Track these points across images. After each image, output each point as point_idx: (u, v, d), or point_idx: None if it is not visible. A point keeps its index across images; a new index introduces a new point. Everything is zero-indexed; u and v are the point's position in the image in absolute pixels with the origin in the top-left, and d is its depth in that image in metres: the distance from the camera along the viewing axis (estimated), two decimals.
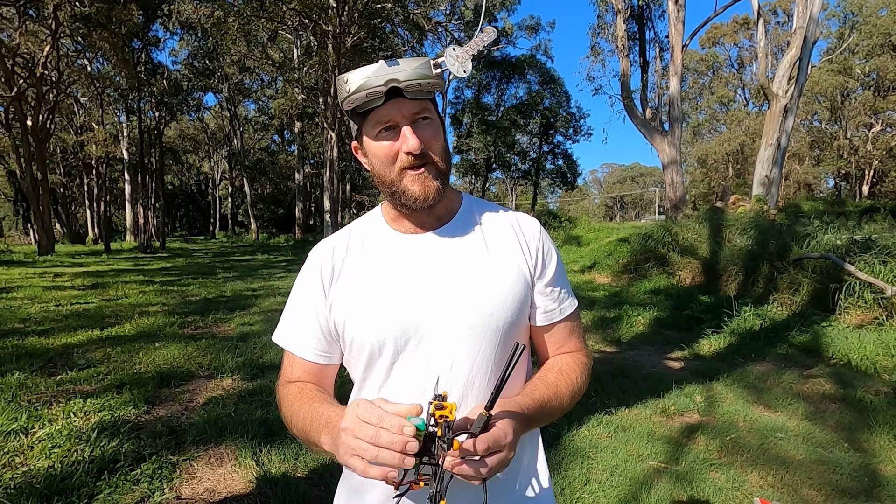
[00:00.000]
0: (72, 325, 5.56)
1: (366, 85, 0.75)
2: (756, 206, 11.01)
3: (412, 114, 0.79)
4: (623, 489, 2.48)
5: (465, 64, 0.71)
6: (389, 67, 0.76)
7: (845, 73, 29.85)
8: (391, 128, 0.80)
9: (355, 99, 0.77)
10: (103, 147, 23.26)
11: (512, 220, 0.93)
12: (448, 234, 0.88)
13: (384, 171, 0.82)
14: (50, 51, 15.80)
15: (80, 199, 35.59)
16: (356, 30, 15.68)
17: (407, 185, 0.81)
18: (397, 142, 0.80)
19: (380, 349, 0.83)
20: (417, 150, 0.78)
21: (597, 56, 22.88)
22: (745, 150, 34.29)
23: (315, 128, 25.26)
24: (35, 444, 2.72)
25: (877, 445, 2.96)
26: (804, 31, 11.74)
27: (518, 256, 0.88)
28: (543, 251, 0.90)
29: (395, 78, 0.75)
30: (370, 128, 0.81)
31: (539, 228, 0.93)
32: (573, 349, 0.94)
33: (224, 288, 9.11)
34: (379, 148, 0.81)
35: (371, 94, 0.76)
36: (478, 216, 0.92)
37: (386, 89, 0.75)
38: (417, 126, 0.80)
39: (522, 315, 0.87)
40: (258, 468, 2.57)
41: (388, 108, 0.78)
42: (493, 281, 0.85)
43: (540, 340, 0.94)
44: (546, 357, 0.95)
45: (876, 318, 5.20)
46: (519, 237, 0.90)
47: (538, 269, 0.89)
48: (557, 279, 0.91)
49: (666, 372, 4.41)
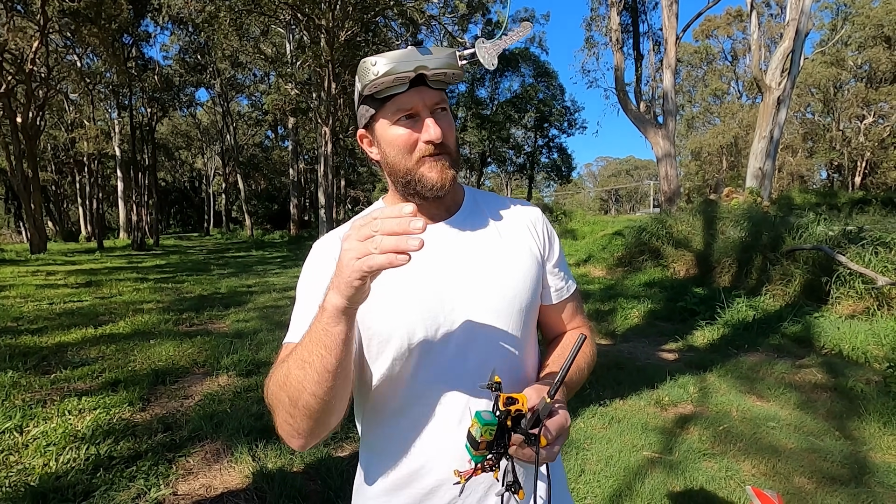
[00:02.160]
0: (65, 324, 5.54)
1: (395, 69, 0.74)
2: (749, 198, 11.07)
3: (433, 103, 0.79)
4: (618, 479, 2.50)
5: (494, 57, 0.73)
6: (421, 54, 0.75)
7: (838, 65, 29.96)
8: (411, 116, 0.79)
9: (380, 83, 0.75)
10: (95, 144, 23.06)
11: (515, 205, 0.96)
12: (459, 223, 0.89)
13: (400, 159, 0.81)
14: (39, 46, 15.59)
15: (73, 196, 35.32)
16: (349, 24, 15.56)
17: (425, 173, 0.81)
18: (417, 130, 0.79)
19: (409, 337, 0.81)
20: (439, 139, 0.79)
21: (591, 49, 22.82)
22: (738, 142, 34.41)
23: (309, 123, 25.13)
24: (30, 443, 2.71)
25: (867, 433, 3.00)
26: (797, 23, 11.76)
27: (529, 240, 0.91)
28: (548, 233, 0.95)
29: (425, 65, 0.74)
30: (390, 114, 0.80)
31: (540, 212, 0.97)
32: (580, 324, 1.01)
33: (219, 285, 9.08)
34: (398, 136, 0.80)
35: (399, 79, 0.75)
36: (483, 205, 0.94)
37: (414, 76, 0.75)
38: (436, 116, 0.80)
39: (537, 295, 0.91)
40: (254, 463, 2.58)
41: (411, 95, 0.77)
42: (511, 264, 0.87)
43: (551, 318, 0.98)
44: (557, 333, 1.00)
45: (867, 307, 5.25)
46: (525, 222, 0.93)
47: (547, 251, 0.93)
48: (561, 259, 0.96)
49: (660, 363, 4.44)
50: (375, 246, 0.58)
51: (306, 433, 0.72)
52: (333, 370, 0.66)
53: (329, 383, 0.66)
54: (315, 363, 0.66)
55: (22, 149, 15.88)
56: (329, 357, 0.65)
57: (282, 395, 0.70)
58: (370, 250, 0.58)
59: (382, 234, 0.58)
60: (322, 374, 0.66)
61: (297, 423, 0.70)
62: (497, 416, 0.68)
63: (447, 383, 0.82)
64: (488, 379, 0.71)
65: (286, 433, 0.73)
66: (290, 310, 3.67)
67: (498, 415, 0.68)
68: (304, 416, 0.69)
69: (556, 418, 0.72)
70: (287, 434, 0.73)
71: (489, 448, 0.67)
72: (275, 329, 5.47)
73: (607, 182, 69.55)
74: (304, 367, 0.67)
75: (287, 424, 0.72)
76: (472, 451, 0.69)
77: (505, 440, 0.68)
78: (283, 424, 0.72)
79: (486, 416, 0.67)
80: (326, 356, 0.65)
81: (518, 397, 0.69)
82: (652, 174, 52.60)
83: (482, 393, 0.82)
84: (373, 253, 0.58)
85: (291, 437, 0.73)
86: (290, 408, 0.69)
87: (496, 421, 0.67)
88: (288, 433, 0.73)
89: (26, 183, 15.89)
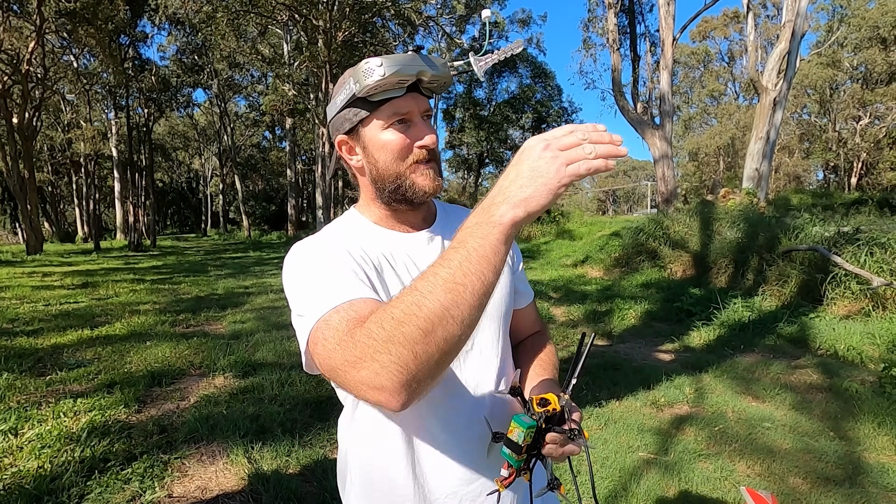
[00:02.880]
0: (61, 325, 5.52)
1: (401, 71, 0.73)
2: (746, 199, 11.10)
3: (423, 110, 0.80)
4: (614, 480, 2.51)
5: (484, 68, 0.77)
6: (422, 60, 0.76)
7: (834, 66, 30.08)
8: (404, 121, 0.79)
9: (381, 85, 0.74)
10: (91, 144, 22.98)
11: None
12: (440, 232, 0.89)
13: (392, 163, 0.79)
14: (35, 47, 15.55)
15: (69, 197, 35.20)
16: (347, 25, 15.56)
17: (416, 179, 0.80)
18: (410, 135, 0.79)
19: None
20: (434, 145, 0.80)
21: (588, 50, 22.90)
22: (735, 143, 34.52)
23: (306, 124, 25.12)
24: (25, 445, 2.70)
25: (861, 434, 3.01)
26: (793, 24, 11.81)
27: None
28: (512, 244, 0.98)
29: (426, 70, 0.75)
30: (385, 117, 0.78)
31: None
32: (541, 327, 1.07)
33: (216, 286, 9.06)
34: (392, 140, 0.79)
35: (401, 81, 0.75)
36: (452, 215, 0.95)
37: (415, 80, 0.76)
38: (426, 123, 0.81)
39: (512, 300, 0.95)
40: (250, 465, 2.57)
41: (407, 100, 0.77)
42: None
43: (520, 322, 1.02)
44: (523, 336, 1.04)
45: (862, 308, 5.27)
46: None
47: (513, 259, 0.98)
48: (521, 266, 1.02)
49: (656, 364, 4.45)
50: (590, 151, 0.57)
51: (427, 379, 0.58)
52: (490, 294, 0.59)
53: (482, 310, 0.59)
54: (474, 285, 0.57)
55: (18, 149, 15.82)
56: (493, 277, 0.58)
57: (403, 329, 0.56)
58: (584, 155, 0.57)
59: (592, 143, 0.58)
60: (480, 298, 0.58)
61: (421, 365, 0.56)
62: (534, 417, 0.69)
63: (447, 391, 0.81)
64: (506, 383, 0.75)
65: (396, 382, 0.56)
66: (287, 311, 3.67)
67: (535, 416, 0.69)
68: (435, 353, 0.56)
69: (577, 413, 0.76)
70: (398, 383, 0.56)
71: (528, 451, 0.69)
72: (272, 330, 5.45)
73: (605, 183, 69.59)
74: (456, 289, 0.57)
75: (401, 370, 0.56)
76: (514, 456, 0.69)
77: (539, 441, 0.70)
78: (390, 371, 0.56)
79: (526, 419, 0.68)
80: (490, 276, 0.58)
81: (548, 397, 0.71)
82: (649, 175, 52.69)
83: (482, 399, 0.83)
84: (587, 157, 0.57)
85: (402, 387, 0.57)
86: (417, 344, 0.56)
87: (535, 423, 0.68)
88: (399, 382, 0.56)
89: (22, 184, 15.83)
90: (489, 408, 0.83)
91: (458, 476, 0.82)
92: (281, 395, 3.52)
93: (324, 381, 3.81)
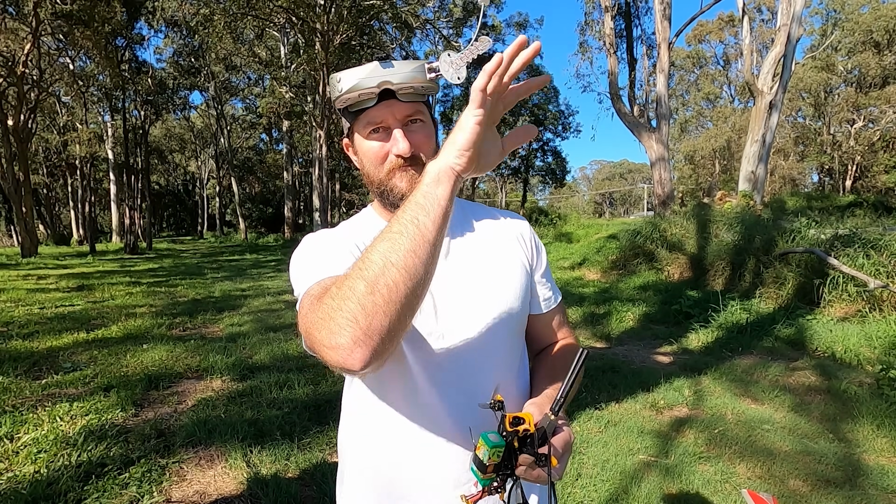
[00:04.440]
0: (57, 328, 5.48)
1: (358, 86, 0.74)
2: (742, 201, 11.14)
3: (404, 116, 0.79)
4: (614, 483, 2.50)
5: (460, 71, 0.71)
6: (384, 69, 0.74)
7: (828, 70, 30.28)
8: (382, 129, 0.79)
9: (347, 98, 0.76)
10: (87, 147, 22.87)
11: (503, 217, 0.96)
12: (449, 232, 0.87)
13: (373, 170, 0.82)
14: (31, 49, 15.48)
15: (64, 199, 35.03)
16: (344, 27, 15.57)
17: (395, 183, 0.81)
18: (388, 143, 0.79)
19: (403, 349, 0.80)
20: (407, 153, 0.78)
21: (585, 53, 22.99)
22: (731, 146, 34.66)
23: (303, 126, 25.07)
24: (20, 450, 2.67)
25: (860, 435, 3.02)
26: (788, 28, 11.88)
27: (518, 250, 0.91)
28: (536, 243, 0.95)
29: (389, 80, 0.74)
30: (361, 127, 0.81)
31: (528, 224, 0.97)
32: (567, 335, 1.00)
33: (213, 288, 9.03)
34: (369, 148, 0.81)
35: (364, 94, 0.75)
36: (471, 215, 0.93)
37: (378, 91, 0.75)
38: (409, 129, 0.79)
39: (527, 305, 0.91)
40: (249, 469, 2.55)
41: (380, 109, 0.77)
42: (504, 274, 0.87)
43: (539, 329, 0.97)
44: (545, 345, 0.99)
45: (859, 310, 5.29)
46: (514, 232, 0.93)
47: (535, 262, 0.94)
48: (547, 269, 0.97)
49: (655, 366, 4.45)
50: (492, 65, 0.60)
51: (379, 333, 0.56)
52: (432, 240, 0.58)
53: (425, 255, 0.58)
54: (409, 231, 0.58)
55: (13, 151, 15.74)
56: (427, 221, 0.58)
57: (351, 285, 0.57)
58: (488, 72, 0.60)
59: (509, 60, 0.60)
60: (418, 243, 0.57)
61: (369, 318, 0.56)
62: (504, 436, 0.65)
63: (444, 399, 0.80)
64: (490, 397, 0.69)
65: (348, 338, 0.56)
66: (284, 313, 3.70)
67: (505, 435, 0.65)
68: (384, 304, 0.56)
69: (561, 435, 0.71)
70: (350, 339, 0.56)
71: (496, 470, 0.65)
72: (269, 333, 5.43)
73: (601, 185, 69.81)
74: (392, 238, 0.58)
75: (351, 324, 0.56)
76: (480, 474, 0.66)
77: (512, 461, 0.66)
78: (342, 327, 0.56)
79: (493, 437, 0.65)
80: (424, 220, 0.58)
81: (524, 416, 0.67)
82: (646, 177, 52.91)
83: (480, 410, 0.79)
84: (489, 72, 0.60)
85: (355, 342, 0.56)
86: (363, 297, 0.56)
87: (504, 442, 0.64)
88: (351, 337, 0.56)
89: (17, 186, 15.74)
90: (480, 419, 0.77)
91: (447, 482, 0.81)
92: (279, 398, 3.51)
93: (322, 384, 3.79)
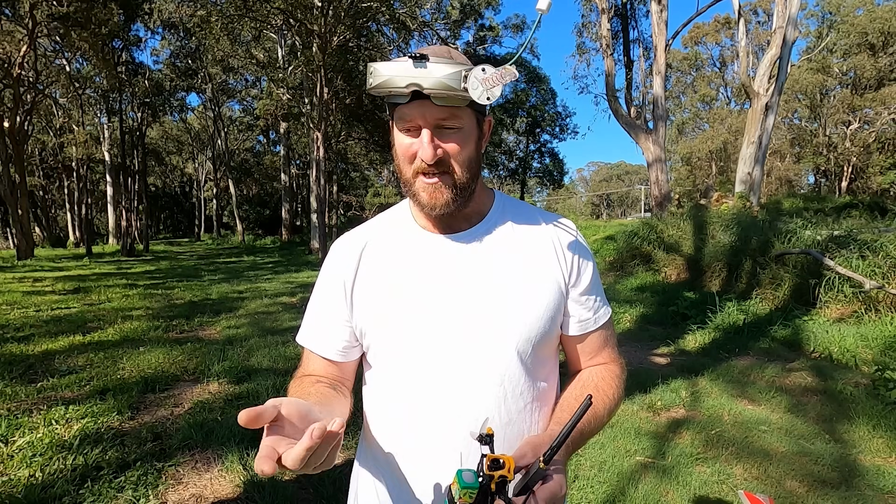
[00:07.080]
0: (53, 331, 5.45)
1: (388, 83, 0.71)
2: (739, 202, 11.18)
3: (436, 119, 0.73)
4: (611, 484, 2.50)
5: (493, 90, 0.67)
6: (416, 69, 0.69)
7: (824, 72, 30.43)
8: (414, 128, 0.76)
9: (379, 91, 0.73)
10: (84, 149, 22.77)
11: (547, 222, 0.88)
12: (478, 236, 0.83)
13: (403, 166, 0.79)
14: (27, 51, 15.44)
15: (61, 202, 34.88)
16: (342, 29, 15.57)
17: (418, 190, 0.78)
18: (417, 143, 0.76)
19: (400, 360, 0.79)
20: (430, 160, 0.74)
21: (582, 55, 23.04)
22: (727, 147, 34.76)
23: (301, 128, 25.05)
24: (15, 454, 2.66)
25: (856, 436, 3.03)
26: (784, 30, 11.94)
27: (553, 263, 0.83)
28: (579, 258, 0.85)
29: (418, 83, 0.69)
30: (396, 120, 0.77)
31: (576, 233, 0.88)
32: (606, 360, 0.89)
33: (210, 291, 9.00)
34: (400, 144, 0.78)
35: (394, 91, 0.72)
36: (510, 218, 0.87)
37: (407, 91, 0.71)
38: (441, 133, 0.75)
39: (555, 326, 0.83)
40: (245, 472, 2.54)
41: (412, 108, 0.73)
42: (526, 292, 0.80)
43: (572, 350, 0.88)
44: (578, 368, 0.90)
45: (855, 311, 5.31)
46: (554, 242, 0.85)
47: (573, 277, 0.84)
48: (593, 287, 0.86)
49: (652, 368, 4.46)
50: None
51: None
52: None
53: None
54: None
55: (9, 153, 15.67)
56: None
57: None
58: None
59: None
60: None
61: None
62: (480, 479, 0.62)
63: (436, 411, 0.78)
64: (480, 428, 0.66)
65: None
66: (281, 315, 3.71)
67: (480, 479, 0.62)
68: None
69: (548, 485, 0.64)
70: None
71: None
72: (266, 335, 5.42)
73: (599, 187, 69.93)
74: None
75: None
76: None
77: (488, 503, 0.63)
78: None
79: (468, 476, 0.62)
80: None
81: (505, 460, 0.62)
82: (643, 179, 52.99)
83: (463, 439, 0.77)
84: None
85: None
86: None
87: (477, 484, 0.61)
88: None
89: (13, 188, 15.67)
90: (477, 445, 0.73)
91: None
92: None
93: None
